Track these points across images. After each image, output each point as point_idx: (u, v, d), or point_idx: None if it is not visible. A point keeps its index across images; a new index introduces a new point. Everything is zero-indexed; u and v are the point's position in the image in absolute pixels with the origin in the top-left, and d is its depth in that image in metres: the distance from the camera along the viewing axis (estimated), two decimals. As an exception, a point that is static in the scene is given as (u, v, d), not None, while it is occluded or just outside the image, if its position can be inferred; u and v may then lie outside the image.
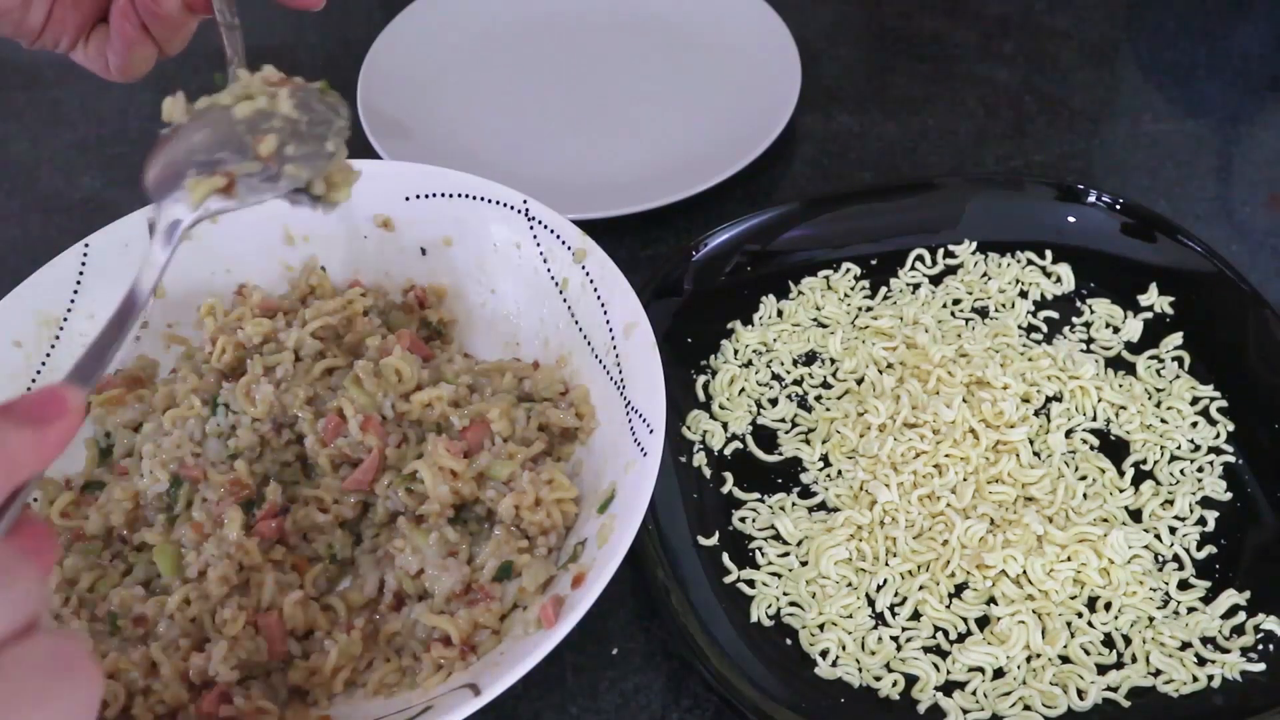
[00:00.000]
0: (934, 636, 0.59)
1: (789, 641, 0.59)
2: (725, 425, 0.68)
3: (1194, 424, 0.67)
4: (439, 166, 0.69)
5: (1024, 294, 0.74)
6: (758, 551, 0.62)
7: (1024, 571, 0.60)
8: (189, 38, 0.60)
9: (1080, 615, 0.59)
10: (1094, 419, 0.67)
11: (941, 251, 0.76)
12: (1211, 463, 0.65)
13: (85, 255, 0.67)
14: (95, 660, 0.33)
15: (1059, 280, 0.74)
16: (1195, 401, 0.68)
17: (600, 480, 0.59)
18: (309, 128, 0.51)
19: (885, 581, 0.61)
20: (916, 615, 0.60)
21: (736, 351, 0.72)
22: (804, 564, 0.62)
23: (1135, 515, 0.63)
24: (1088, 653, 0.58)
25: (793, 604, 0.60)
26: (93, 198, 0.88)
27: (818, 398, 0.70)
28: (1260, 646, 0.57)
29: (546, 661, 0.49)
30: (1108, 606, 0.59)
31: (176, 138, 0.50)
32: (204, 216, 0.48)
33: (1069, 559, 0.60)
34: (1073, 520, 0.62)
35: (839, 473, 0.65)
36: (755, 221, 0.75)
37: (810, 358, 0.72)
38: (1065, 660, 0.57)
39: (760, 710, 0.54)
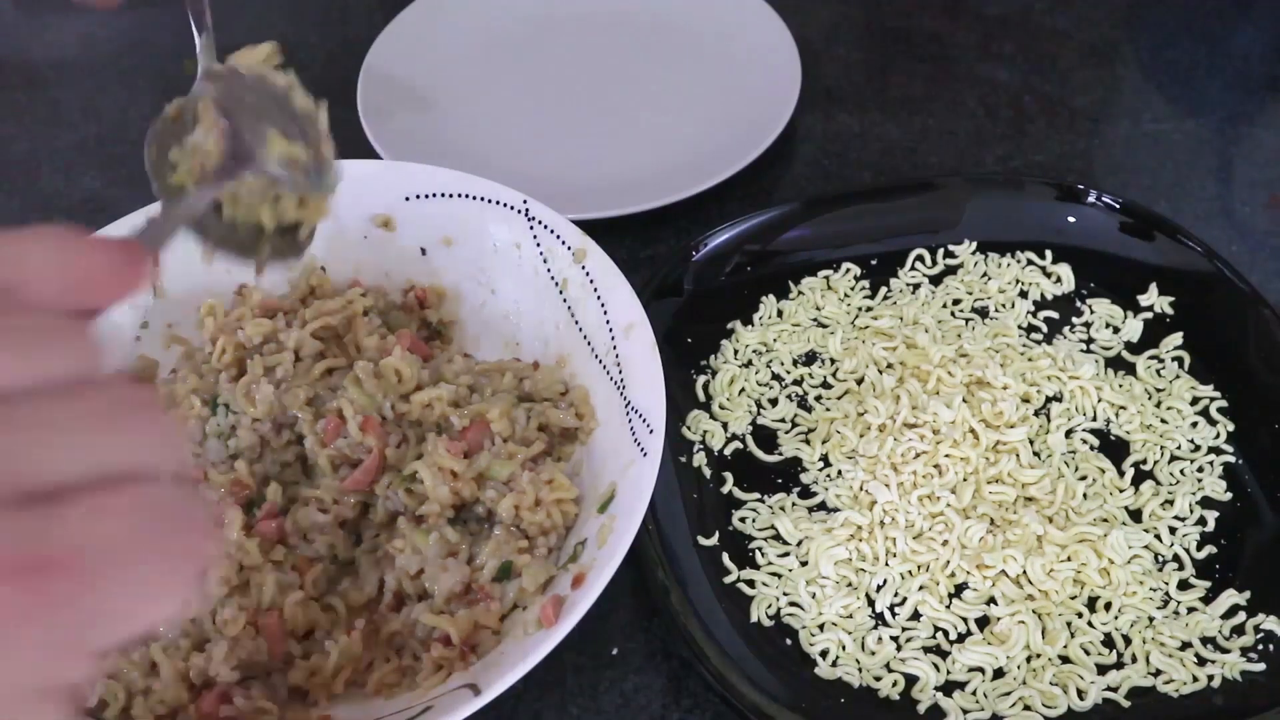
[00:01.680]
0: (934, 637, 0.59)
1: (789, 641, 0.59)
2: (725, 425, 0.68)
3: (1194, 424, 0.67)
4: (439, 166, 0.69)
5: (1024, 294, 0.74)
6: (758, 551, 0.62)
7: (1024, 572, 0.60)
8: None
9: (1080, 615, 0.59)
10: (1094, 419, 0.67)
11: (941, 251, 0.76)
12: (1211, 463, 0.65)
13: (85, 255, 0.66)
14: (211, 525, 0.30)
15: (1059, 280, 0.74)
16: (1195, 401, 0.68)
17: (600, 480, 0.59)
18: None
19: (885, 582, 0.61)
20: (916, 615, 0.60)
21: (736, 351, 0.72)
22: (804, 564, 0.61)
23: (1135, 515, 0.63)
24: (1088, 653, 0.58)
25: (793, 604, 0.60)
26: (93, 198, 0.88)
27: (818, 398, 0.70)
28: (1260, 646, 0.57)
29: (546, 661, 0.49)
30: (1108, 606, 0.59)
31: (244, 82, 0.50)
32: (270, 175, 0.48)
33: (1069, 559, 0.60)
34: (1072, 520, 0.62)
35: (839, 473, 0.65)
36: (755, 221, 0.75)
37: (810, 358, 0.72)
38: (1065, 660, 0.57)
39: (760, 710, 0.54)
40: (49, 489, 0.26)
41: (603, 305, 0.63)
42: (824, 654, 0.58)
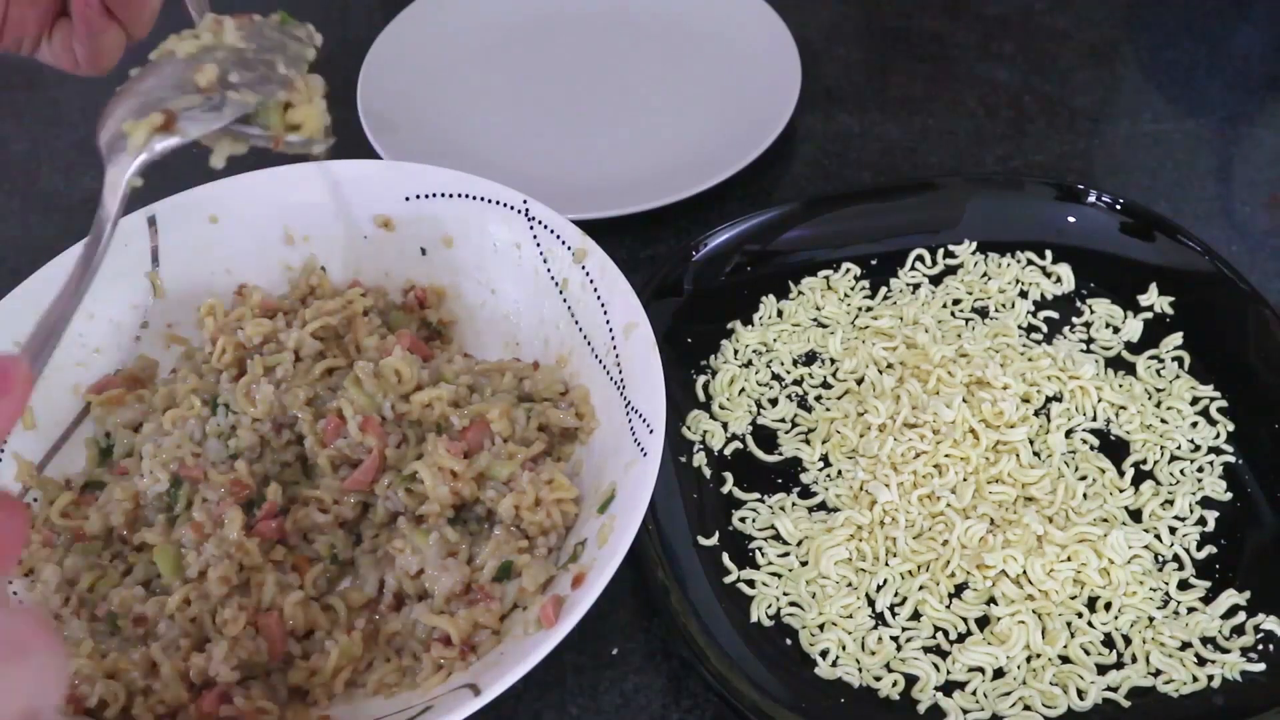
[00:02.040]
0: (934, 636, 0.59)
1: (789, 641, 0.59)
2: (725, 425, 0.68)
3: (1194, 424, 0.67)
4: (439, 166, 0.69)
5: (1024, 294, 0.74)
6: (758, 551, 0.62)
7: (1024, 571, 0.60)
8: (154, 17, 0.58)
9: (1080, 615, 0.59)
10: (1094, 419, 0.67)
11: (941, 251, 0.76)
12: (1211, 463, 0.65)
13: (85, 255, 0.66)
14: (53, 633, 0.30)
15: (1059, 280, 0.74)
16: (1195, 401, 0.68)
17: (600, 480, 0.59)
18: (257, 54, 0.51)
19: (885, 581, 0.61)
20: (916, 615, 0.60)
21: (736, 351, 0.72)
22: (804, 564, 0.61)
23: (1135, 515, 0.63)
24: (1088, 653, 0.58)
25: (793, 604, 0.60)
26: (93, 198, 0.87)
27: (818, 398, 0.70)
28: (1260, 646, 0.57)
29: (546, 661, 0.49)
30: (1108, 606, 0.59)
31: (123, 93, 0.50)
32: (151, 159, 0.48)
33: (1069, 559, 0.60)
34: (1073, 520, 0.62)
35: (839, 473, 0.65)
36: (755, 221, 0.75)
37: (810, 358, 0.72)
38: (1065, 660, 0.57)
39: (760, 710, 0.54)
40: None
41: (603, 305, 0.63)
42: (824, 654, 0.58)
